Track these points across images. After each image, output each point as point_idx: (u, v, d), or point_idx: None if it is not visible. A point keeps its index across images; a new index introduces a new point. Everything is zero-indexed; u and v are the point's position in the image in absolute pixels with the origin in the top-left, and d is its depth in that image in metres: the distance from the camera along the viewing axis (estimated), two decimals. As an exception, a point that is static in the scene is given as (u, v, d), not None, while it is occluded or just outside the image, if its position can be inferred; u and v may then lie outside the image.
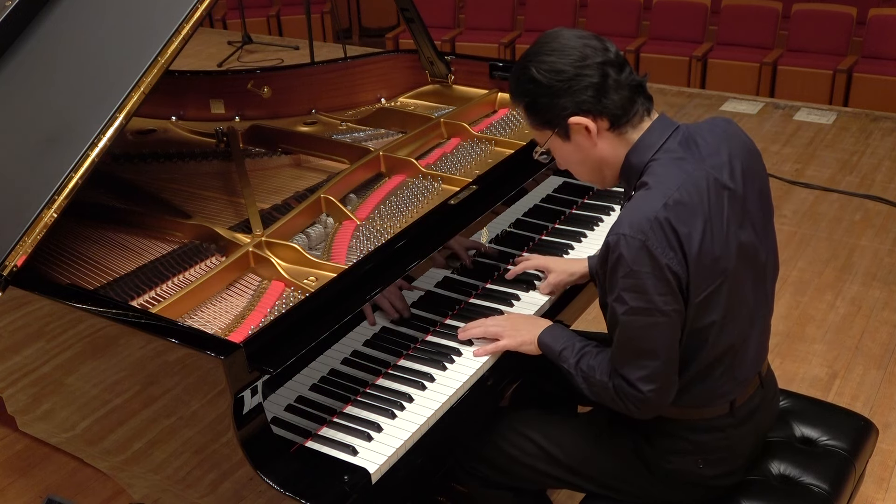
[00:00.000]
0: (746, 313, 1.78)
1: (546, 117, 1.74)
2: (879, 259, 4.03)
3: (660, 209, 1.63)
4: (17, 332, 1.91)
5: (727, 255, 1.70)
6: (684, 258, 1.64)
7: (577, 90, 1.67)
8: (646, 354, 1.70)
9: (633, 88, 1.70)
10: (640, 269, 1.62)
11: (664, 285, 1.63)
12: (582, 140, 1.73)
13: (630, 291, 1.65)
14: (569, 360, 1.87)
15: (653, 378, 1.71)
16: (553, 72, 1.67)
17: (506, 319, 2.01)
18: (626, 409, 1.77)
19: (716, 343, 1.74)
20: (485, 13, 7.24)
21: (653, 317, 1.66)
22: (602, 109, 1.69)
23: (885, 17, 6.02)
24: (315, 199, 2.25)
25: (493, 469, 2.03)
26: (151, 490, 1.88)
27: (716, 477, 1.88)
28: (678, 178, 1.67)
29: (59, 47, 2.14)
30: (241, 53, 7.31)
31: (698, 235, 1.65)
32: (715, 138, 1.76)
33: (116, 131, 1.88)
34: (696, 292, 1.67)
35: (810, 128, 5.55)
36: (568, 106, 1.69)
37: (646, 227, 1.62)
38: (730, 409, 1.83)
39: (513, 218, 2.34)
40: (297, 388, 1.78)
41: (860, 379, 3.23)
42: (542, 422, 2.03)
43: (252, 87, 2.88)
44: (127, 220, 2.27)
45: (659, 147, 1.72)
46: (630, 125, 1.72)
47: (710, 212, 1.67)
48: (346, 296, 1.85)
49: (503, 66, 2.91)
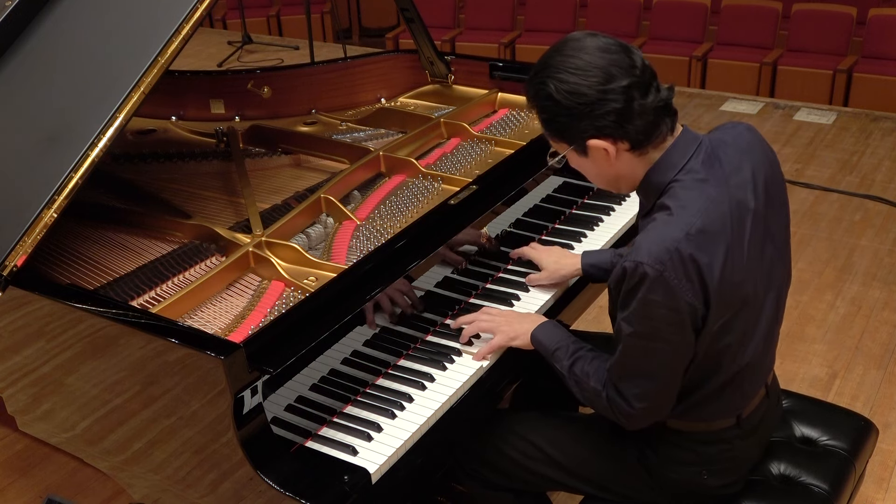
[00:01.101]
0: (762, 332, 1.76)
1: (563, 134, 1.67)
2: (879, 259, 4.03)
3: (681, 239, 1.57)
4: (17, 332, 1.91)
5: (747, 280, 1.66)
6: (703, 288, 1.60)
7: (598, 115, 1.58)
8: (644, 375, 1.69)
9: (658, 111, 1.61)
10: (655, 298, 1.58)
11: (675, 317, 1.60)
12: (600, 158, 1.67)
13: (640, 317, 1.62)
14: (562, 362, 1.86)
15: (647, 397, 1.70)
16: (574, 94, 1.58)
17: (499, 314, 2.00)
18: (615, 418, 1.77)
19: (732, 363, 1.73)
20: (485, 13, 7.24)
21: (657, 343, 1.64)
22: (623, 135, 1.61)
23: (885, 17, 6.02)
24: (315, 199, 2.25)
25: (493, 471, 2.02)
26: (151, 490, 1.88)
27: (719, 487, 1.88)
28: (701, 203, 1.61)
29: (60, 47, 2.14)
30: (241, 53, 7.31)
31: (719, 264, 1.60)
32: (737, 152, 1.71)
33: (116, 131, 1.88)
34: (714, 320, 1.64)
35: (810, 128, 5.55)
36: (587, 129, 1.61)
37: (665, 257, 1.56)
38: (737, 421, 1.83)
39: (513, 218, 2.34)
40: (297, 388, 1.78)
41: (860, 379, 3.23)
42: (544, 424, 2.03)
43: (252, 87, 2.88)
44: (127, 220, 2.27)
45: (681, 167, 1.65)
46: (652, 146, 1.65)
47: (732, 238, 1.62)
48: (346, 296, 1.85)
49: (503, 66, 2.91)
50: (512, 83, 2.89)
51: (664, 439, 1.85)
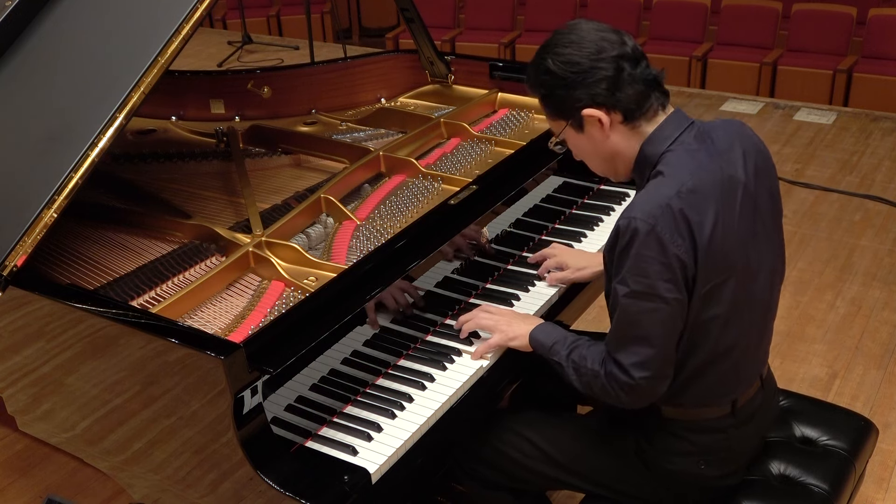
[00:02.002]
0: (751, 312, 1.78)
1: (560, 108, 1.76)
2: (879, 259, 4.03)
3: (672, 196, 1.64)
4: (17, 332, 1.91)
5: (736, 250, 1.70)
6: (693, 246, 1.64)
7: (591, 83, 1.69)
8: (641, 340, 1.69)
9: (648, 83, 1.71)
10: (647, 253, 1.63)
11: (668, 272, 1.63)
12: (595, 132, 1.75)
13: (634, 275, 1.65)
14: (560, 353, 1.86)
15: (646, 365, 1.70)
16: (568, 63, 1.69)
17: (498, 312, 2.01)
18: (616, 396, 1.76)
19: (719, 339, 1.74)
20: (485, 13, 7.24)
21: (653, 302, 1.66)
22: (616, 103, 1.70)
23: (885, 17, 6.02)
24: (315, 199, 2.25)
25: (493, 470, 2.03)
26: (151, 490, 1.88)
27: (717, 478, 1.88)
28: (692, 166, 1.69)
29: (60, 47, 2.14)
30: (241, 53, 7.31)
31: (709, 225, 1.65)
32: (728, 136, 1.77)
33: (116, 131, 1.88)
34: (702, 283, 1.67)
35: (810, 128, 5.55)
36: (582, 98, 1.70)
37: (657, 212, 1.63)
38: (731, 409, 1.83)
39: (513, 218, 2.34)
40: (297, 388, 1.78)
41: (860, 379, 3.23)
42: (542, 423, 2.03)
43: (252, 87, 2.88)
44: (127, 220, 2.27)
45: (674, 139, 1.73)
46: (644, 119, 1.73)
47: (722, 203, 1.68)
48: (346, 296, 1.85)
49: (503, 66, 2.91)
50: (512, 83, 2.89)
51: (661, 429, 1.86)
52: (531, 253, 2.33)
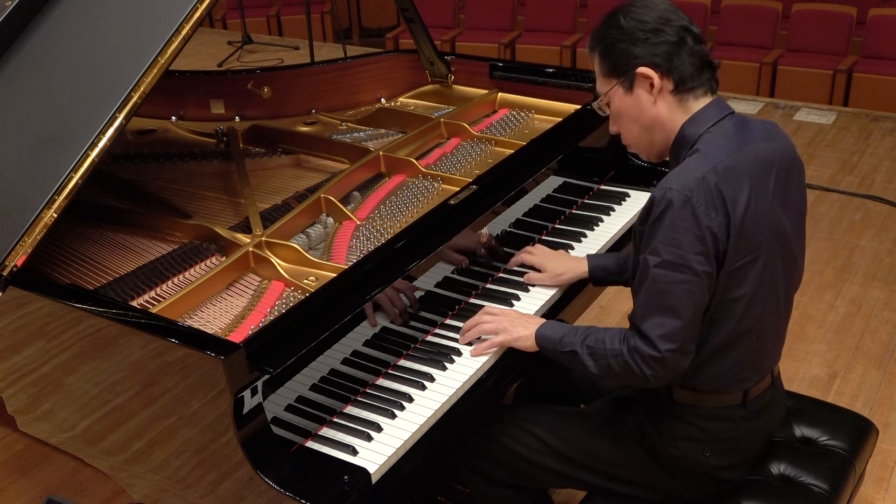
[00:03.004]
0: (773, 298, 1.80)
1: (617, 63, 1.79)
2: (879, 259, 4.03)
3: (709, 171, 1.68)
4: (17, 332, 1.91)
5: (766, 231, 1.73)
6: (727, 221, 1.67)
7: (654, 43, 1.74)
8: (669, 311, 1.70)
9: (704, 62, 1.77)
10: (681, 224, 1.66)
11: (700, 244, 1.66)
12: (644, 94, 1.78)
13: (666, 245, 1.67)
14: (573, 342, 1.85)
15: (672, 337, 1.70)
16: (637, 20, 1.75)
17: (502, 314, 2.00)
18: (639, 371, 1.74)
19: (740, 320, 1.76)
20: (485, 13, 7.24)
21: (683, 273, 1.67)
22: (671, 68, 1.75)
23: (885, 17, 6.02)
24: (315, 199, 2.25)
25: (495, 466, 2.03)
26: (151, 490, 1.88)
27: (721, 469, 1.88)
28: (729, 147, 1.73)
29: (60, 47, 2.14)
30: (241, 53, 7.31)
31: (743, 202, 1.69)
32: (767, 129, 1.83)
33: (116, 131, 1.88)
34: (731, 260, 1.70)
35: (810, 128, 5.55)
36: (641, 55, 1.75)
37: (692, 185, 1.66)
38: (742, 400, 1.84)
39: (513, 218, 2.34)
40: (297, 388, 1.77)
41: (860, 379, 3.23)
42: (546, 417, 2.03)
43: (252, 87, 2.88)
44: (127, 220, 2.27)
45: (714, 123, 1.77)
46: (692, 95, 1.77)
47: (757, 184, 1.72)
48: (346, 296, 1.85)
49: (503, 66, 2.91)
50: (512, 83, 2.90)
51: (669, 413, 1.86)
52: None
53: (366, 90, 3.04)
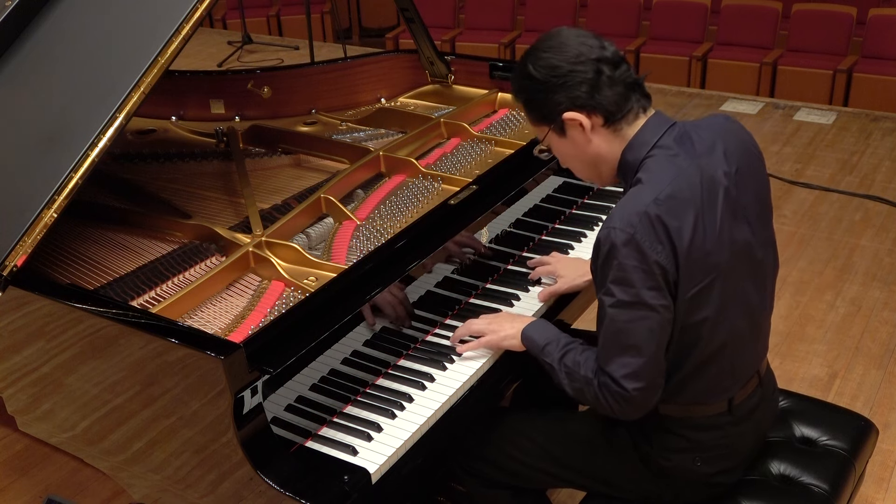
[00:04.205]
0: (742, 310, 1.77)
1: (542, 113, 1.77)
2: (879, 259, 4.03)
3: (650, 203, 1.64)
4: (17, 332, 1.91)
5: (720, 251, 1.70)
6: (673, 252, 1.64)
7: (571, 85, 1.70)
8: (631, 350, 1.69)
9: (628, 85, 1.72)
10: (628, 262, 1.63)
11: (651, 279, 1.63)
12: (577, 135, 1.75)
13: (618, 284, 1.65)
14: (552, 355, 1.85)
15: (638, 376, 1.69)
16: (548, 68, 1.71)
17: (491, 317, 2.00)
18: (609, 407, 1.75)
19: (710, 340, 1.74)
20: (485, 13, 7.24)
21: (639, 311, 1.65)
22: (596, 105, 1.71)
23: (885, 17, 6.02)
24: (315, 199, 2.25)
25: (493, 468, 2.03)
26: (151, 490, 1.88)
27: (714, 475, 1.88)
28: (671, 173, 1.69)
29: (60, 47, 2.14)
30: (241, 53, 7.31)
31: (689, 229, 1.65)
32: (711, 135, 1.77)
33: (116, 131, 1.88)
34: (686, 287, 1.67)
35: (810, 128, 5.55)
36: (562, 101, 1.71)
37: (634, 220, 1.63)
38: (728, 407, 1.83)
39: (513, 218, 2.34)
40: (297, 388, 1.78)
41: (860, 379, 3.23)
42: (543, 421, 2.03)
43: (252, 87, 2.88)
44: (127, 220, 2.27)
45: (653, 144, 1.73)
46: (625, 122, 1.74)
47: (702, 206, 1.68)
48: (346, 296, 1.85)
49: (503, 66, 2.91)
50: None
51: (658, 426, 1.85)
52: (531, 253, 2.34)
53: (366, 90, 3.04)
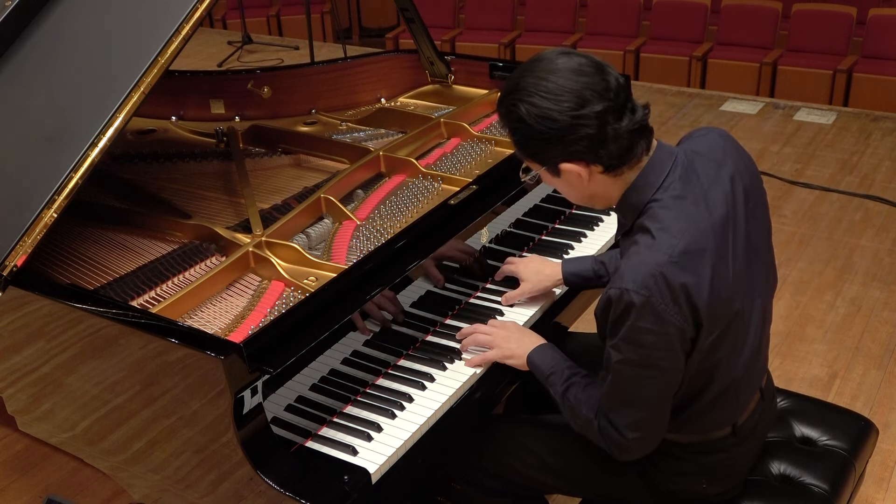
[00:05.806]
0: (750, 344, 1.74)
1: (535, 156, 1.64)
2: (879, 259, 4.03)
3: (665, 263, 1.54)
4: (17, 332, 1.91)
5: (737, 295, 1.64)
6: (693, 311, 1.57)
7: (570, 140, 1.54)
8: (635, 404, 1.67)
9: (633, 134, 1.57)
10: (643, 325, 1.56)
11: (666, 342, 1.57)
12: (573, 178, 1.63)
13: (628, 343, 1.59)
14: (556, 387, 1.84)
15: (639, 426, 1.69)
16: (545, 119, 1.53)
17: (500, 327, 1.98)
18: (608, 448, 1.75)
19: (724, 377, 1.71)
20: (485, 13, 7.24)
21: (647, 370, 1.62)
22: (597, 159, 1.58)
23: (885, 17, 6.02)
24: (315, 199, 2.25)
25: (494, 479, 2.02)
26: (151, 490, 1.88)
27: (719, 493, 1.88)
28: (682, 223, 1.58)
29: (60, 47, 2.13)
30: (241, 53, 7.31)
31: (707, 283, 1.57)
32: (713, 163, 1.68)
33: (116, 131, 1.88)
34: (705, 338, 1.61)
35: (810, 128, 5.55)
36: (560, 154, 1.58)
37: (650, 283, 1.53)
38: (732, 430, 1.82)
39: (513, 218, 2.34)
40: (297, 388, 1.78)
41: (860, 379, 3.23)
42: (545, 433, 2.00)
43: (252, 87, 2.88)
44: (127, 220, 2.27)
45: (659, 186, 1.62)
46: (627, 167, 1.61)
47: (716, 254, 1.59)
48: (346, 296, 1.85)
49: (503, 66, 2.91)
50: (512, 83, 2.89)
51: (664, 452, 1.82)
52: (531, 253, 2.33)
53: (366, 90, 3.04)
